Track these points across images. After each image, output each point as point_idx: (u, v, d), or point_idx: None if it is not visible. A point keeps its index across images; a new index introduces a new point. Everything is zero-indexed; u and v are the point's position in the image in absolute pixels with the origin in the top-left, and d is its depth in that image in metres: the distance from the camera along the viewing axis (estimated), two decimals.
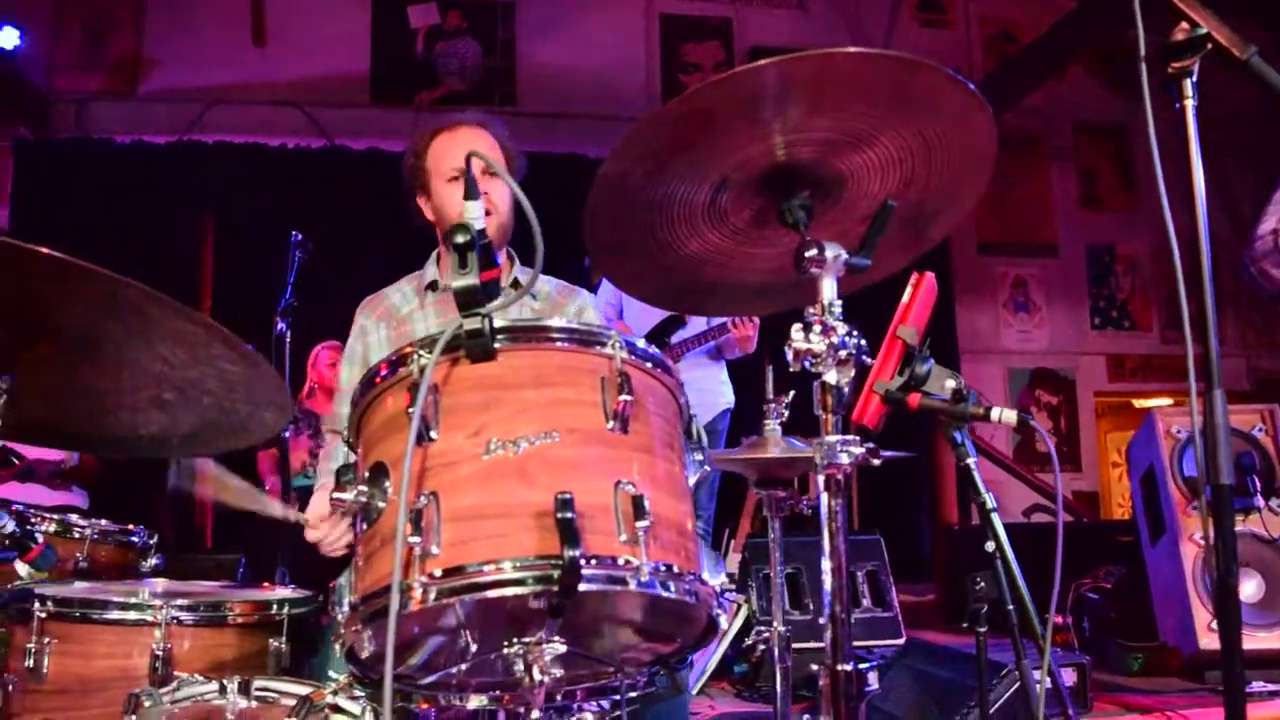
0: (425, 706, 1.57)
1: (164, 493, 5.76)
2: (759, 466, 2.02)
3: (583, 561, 1.17)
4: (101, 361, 1.54)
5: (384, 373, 1.37)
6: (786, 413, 2.07)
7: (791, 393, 2.14)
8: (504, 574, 1.19)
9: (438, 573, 1.19)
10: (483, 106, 7.15)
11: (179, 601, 1.88)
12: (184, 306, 1.35)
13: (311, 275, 4.21)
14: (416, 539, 1.19)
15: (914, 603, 5.81)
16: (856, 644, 3.98)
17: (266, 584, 2.35)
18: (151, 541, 2.56)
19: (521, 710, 1.64)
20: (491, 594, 1.19)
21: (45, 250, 1.28)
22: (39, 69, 7.12)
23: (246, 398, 1.59)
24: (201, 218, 6.69)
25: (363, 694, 1.58)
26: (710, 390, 4.46)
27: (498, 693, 1.53)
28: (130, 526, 2.54)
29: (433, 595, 1.19)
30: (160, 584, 2.26)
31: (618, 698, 1.59)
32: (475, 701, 1.58)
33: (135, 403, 1.64)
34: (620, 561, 1.23)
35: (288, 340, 4.01)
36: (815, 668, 1.45)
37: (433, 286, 2.54)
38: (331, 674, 1.64)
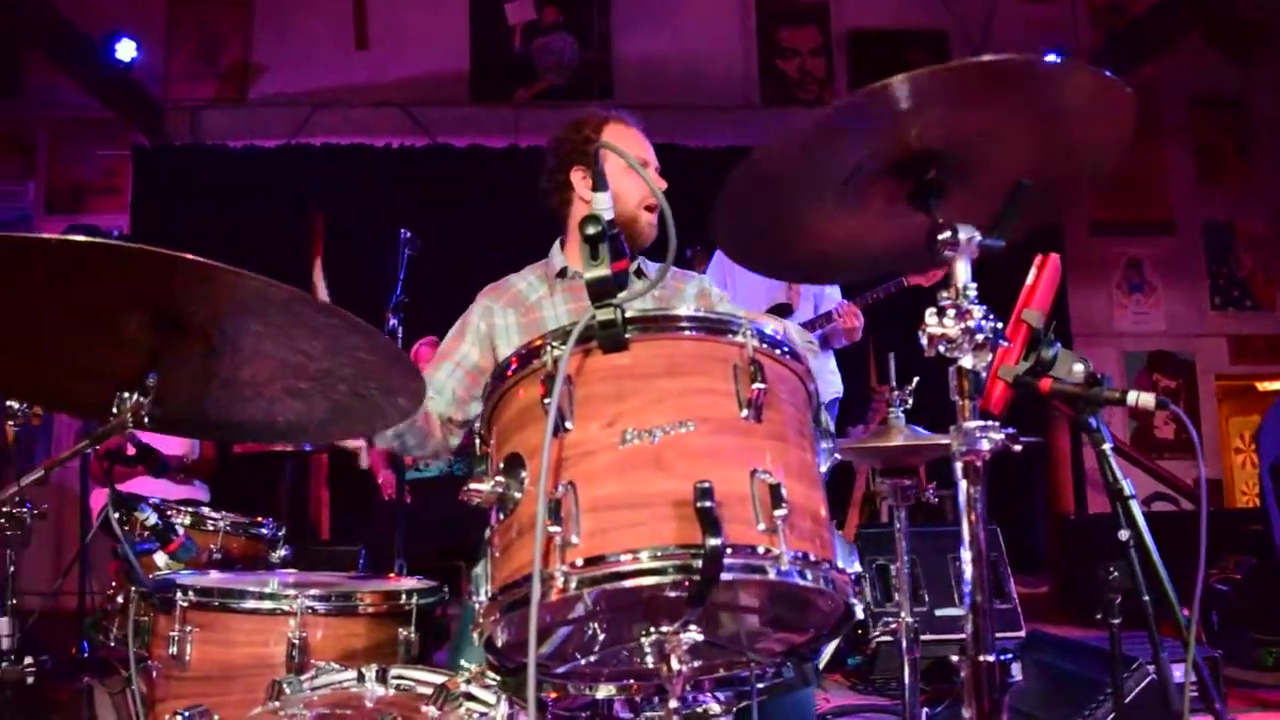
0: (553, 696, 1.58)
1: (281, 486, 5.93)
2: (883, 455, 1.99)
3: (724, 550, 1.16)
4: (241, 355, 1.58)
5: (514, 366, 1.38)
6: (910, 401, 2.04)
7: (915, 380, 2.12)
8: (644, 563, 1.19)
9: (579, 562, 1.19)
10: (580, 100, 7.20)
11: (312, 592, 1.93)
12: (327, 304, 1.38)
13: (419, 271, 4.28)
14: (556, 528, 1.20)
15: (1028, 594, 5.68)
16: None
17: (392, 575, 2.39)
18: (280, 534, 2.63)
19: (642, 700, 1.67)
20: (632, 583, 1.19)
21: (189, 256, 1.32)
22: (155, 80, 7.39)
23: (380, 385, 1.61)
24: (311, 218, 6.88)
25: (494, 682, 1.59)
26: (820, 379, 4.42)
27: (629, 682, 1.54)
28: (259, 519, 2.62)
29: (574, 584, 1.19)
30: (291, 575, 2.32)
31: (745, 688, 1.59)
32: (603, 691, 1.60)
33: (272, 392, 1.68)
34: (760, 550, 1.21)
35: (399, 335, 4.10)
36: (954, 659, 1.42)
37: (562, 274, 2.55)
38: (463, 663, 1.66)
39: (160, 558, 2.27)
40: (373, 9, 7.41)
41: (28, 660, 2.08)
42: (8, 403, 1.99)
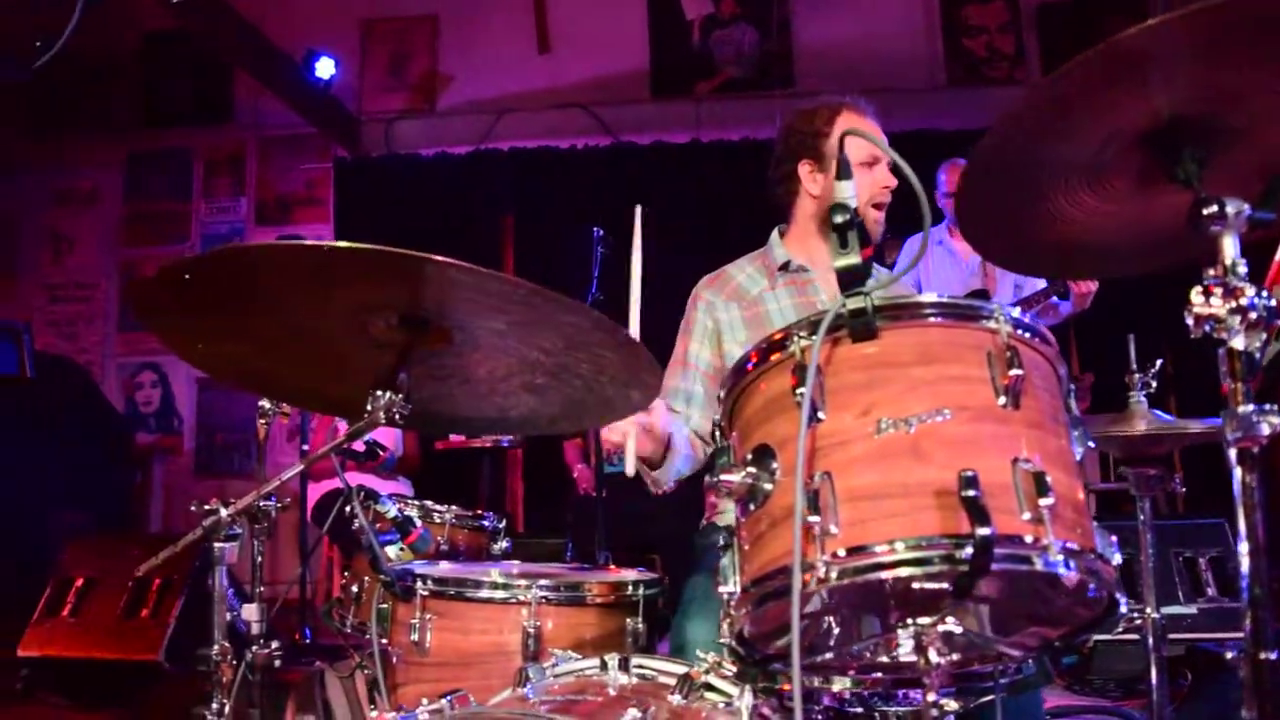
0: (786, 688, 1.57)
1: (480, 481, 6.14)
2: (1125, 444, 1.89)
3: None
4: (481, 352, 1.63)
5: (755, 360, 1.38)
6: (1154, 384, 1.94)
7: (1159, 362, 2.01)
8: (907, 553, 1.17)
9: (841, 552, 1.18)
10: (761, 91, 7.18)
11: (543, 582, 1.98)
12: (572, 300, 1.41)
13: (611, 268, 4.35)
14: (815, 518, 1.19)
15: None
16: (1201, 636, 3.69)
17: (612, 566, 2.43)
18: (500, 526, 2.71)
19: (873, 695, 1.64)
20: (894, 573, 1.17)
21: (440, 258, 1.37)
22: (351, 94, 7.74)
23: (615, 379, 1.64)
24: (502, 220, 7.09)
25: (731, 673, 1.59)
26: None
27: (864, 676, 1.52)
28: (480, 512, 2.71)
29: (835, 575, 1.18)
30: (515, 565, 2.39)
31: (980, 685, 1.54)
32: (839, 684, 1.58)
33: (509, 388, 1.74)
34: (1027, 540, 1.18)
35: None
36: (1229, 655, 1.34)
37: (785, 267, 2.54)
38: (699, 654, 1.67)
39: (393, 549, 2.36)
40: (553, 13, 7.56)
41: (274, 645, 2.20)
42: (260, 402, 2.11)
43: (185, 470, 7.75)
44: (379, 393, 1.56)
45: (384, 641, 2.15)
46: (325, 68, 7.17)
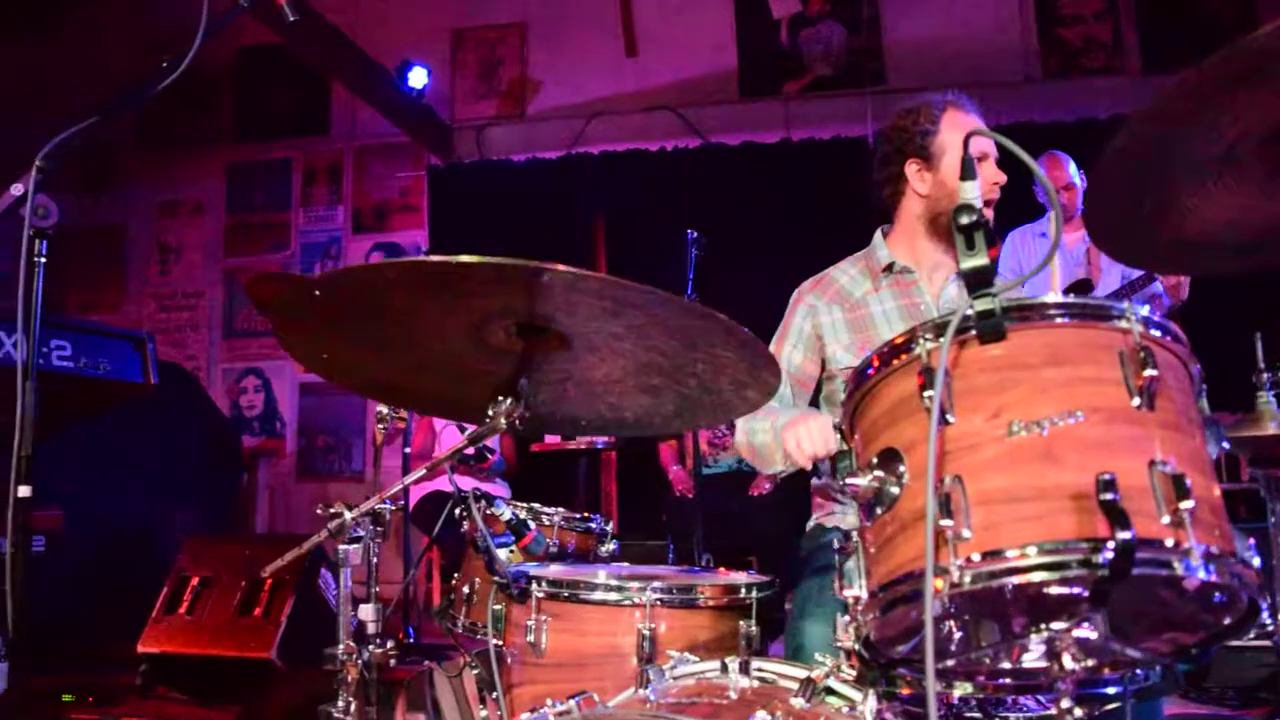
0: (906, 692, 1.56)
1: (575, 483, 6.18)
2: (1255, 445, 1.84)
3: None
4: (597, 355, 1.65)
5: (876, 364, 1.37)
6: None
7: None
8: (1042, 558, 1.15)
9: (975, 557, 1.17)
10: (851, 89, 7.12)
11: (656, 584, 1.99)
12: (692, 303, 1.42)
13: (705, 269, 4.36)
14: (948, 522, 1.18)
15: None
16: None
17: (722, 569, 2.43)
18: (607, 528, 2.74)
19: (990, 702, 1.62)
20: (1028, 578, 1.16)
21: (560, 267, 1.39)
22: (443, 103, 7.87)
23: (732, 379, 1.65)
24: (594, 223, 7.14)
25: (850, 677, 1.59)
26: None
27: (983, 680, 1.51)
28: (587, 514, 2.74)
29: (968, 579, 1.17)
30: (625, 568, 2.41)
31: (1111, 690, 1.52)
32: (960, 690, 1.56)
33: (623, 389, 1.75)
34: (1167, 544, 1.15)
35: None
36: None
37: (889, 269, 2.53)
38: (818, 657, 1.66)
39: (503, 551, 2.40)
40: (640, 17, 7.59)
41: (390, 644, 2.25)
42: (377, 407, 2.17)
43: (288, 472, 7.97)
44: (500, 399, 1.59)
45: (498, 642, 2.19)
46: (418, 77, 7.32)
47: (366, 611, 2.22)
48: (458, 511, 2.77)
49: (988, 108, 2.58)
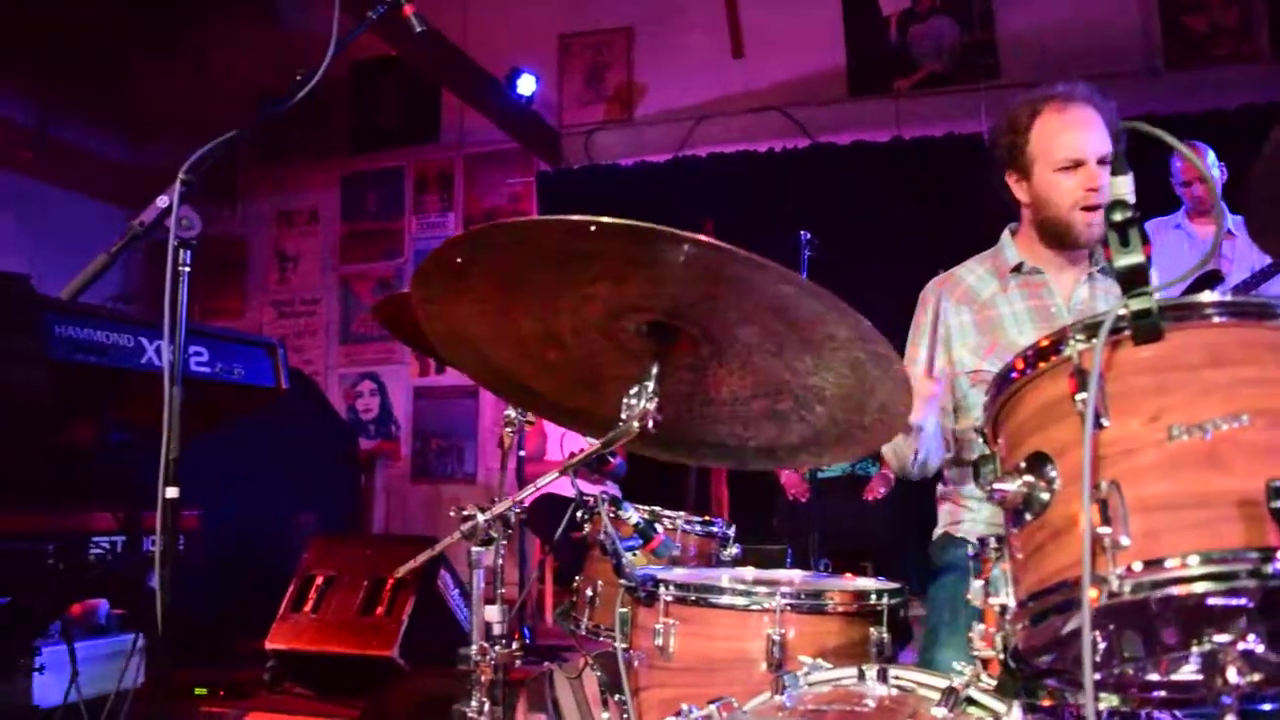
0: (1048, 703, 1.51)
1: (685, 487, 6.19)
2: None
3: None
4: (727, 367, 1.64)
5: (1022, 366, 1.33)
6: None
7: None
8: (1207, 568, 1.10)
9: (1136, 566, 1.13)
10: (964, 85, 6.97)
11: (784, 589, 1.97)
12: (840, 303, 1.38)
13: (819, 271, 4.33)
14: (1105, 529, 1.14)
15: None
16: None
17: (848, 574, 2.40)
18: (729, 532, 2.73)
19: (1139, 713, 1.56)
20: (1192, 588, 1.11)
21: (700, 237, 1.38)
22: (551, 109, 7.95)
23: (858, 408, 1.61)
24: (702, 225, 7.11)
25: (989, 686, 1.55)
26: None
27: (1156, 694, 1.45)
28: (709, 518, 2.73)
29: (1128, 589, 1.13)
30: (749, 572, 2.39)
31: (1267, 706, 1.45)
32: (1105, 702, 1.51)
33: (748, 412, 1.73)
34: None
35: None
36: None
37: (1017, 269, 2.47)
38: (955, 666, 1.63)
39: (629, 555, 2.40)
40: (747, 17, 7.55)
41: (515, 645, 2.28)
42: (506, 411, 2.19)
43: (402, 474, 8.14)
44: (633, 400, 1.59)
45: (624, 646, 2.20)
46: (527, 84, 7.41)
47: (492, 613, 2.25)
48: (578, 515, 2.79)
49: (1110, 98, 2.50)
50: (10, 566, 2.33)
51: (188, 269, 1.86)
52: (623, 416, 1.60)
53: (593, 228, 1.34)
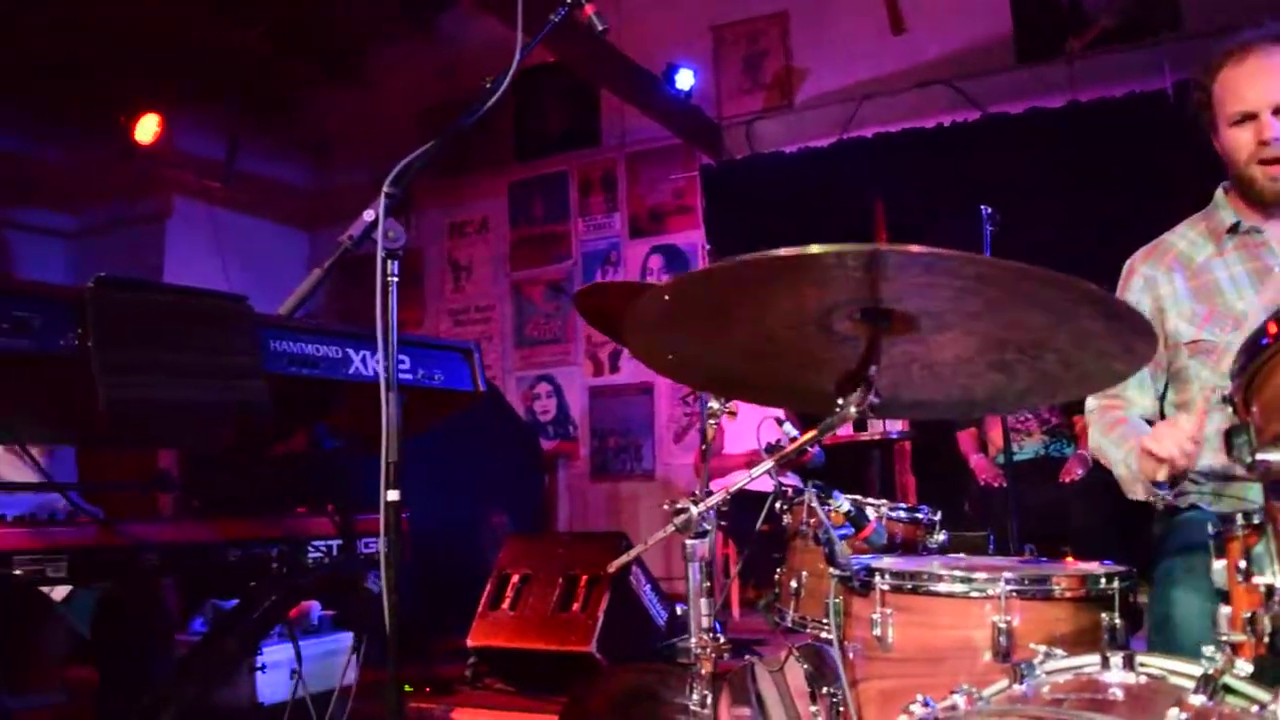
0: None
1: (869, 473, 6.08)
2: None
3: None
4: (949, 335, 1.58)
5: (1275, 331, 1.24)
6: None
7: None
8: None
9: None
10: (1141, 41, 6.59)
11: (1008, 575, 1.89)
12: (1059, 274, 1.32)
13: (1001, 245, 4.18)
14: None
15: None
16: None
17: (1069, 558, 2.30)
18: (935, 519, 2.65)
19: None
20: None
21: (912, 248, 1.34)
22: (710, 102, 7.93)
23: (1098, 350, 1.54)
24: (871, 206, 6.97)
25: (1245, 673, 1.44)
26: None
27: None
28: (915, 504, 2.67)
29: None
30: (961, 559, 2.32)
31: None
32: None
33: (974, 369, 1.68)
34: None
35: None
36: None
37: (1233, 229, 2.32)
38: (1205, 650, 1.52)
39: (841, 545, 2.36)
40: None
41: (722, 638, 2.26)
42: (708, 403, 2.18)
43: (582, 473, 8.27)
44: (849, 389, 1.55)
45: (829, 636, 2.16)
46: (685, 79, 7.41)
47: (702, 606, 2.25)
48: (777, 506, 2.76)
49: None
50: (238, 572, 2.45)
51: (395, 279, 1.91)
52: (839, 402, 1.56)
53: (814, 252, 1.30)
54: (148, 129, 7.77)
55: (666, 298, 1.47)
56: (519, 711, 4.07)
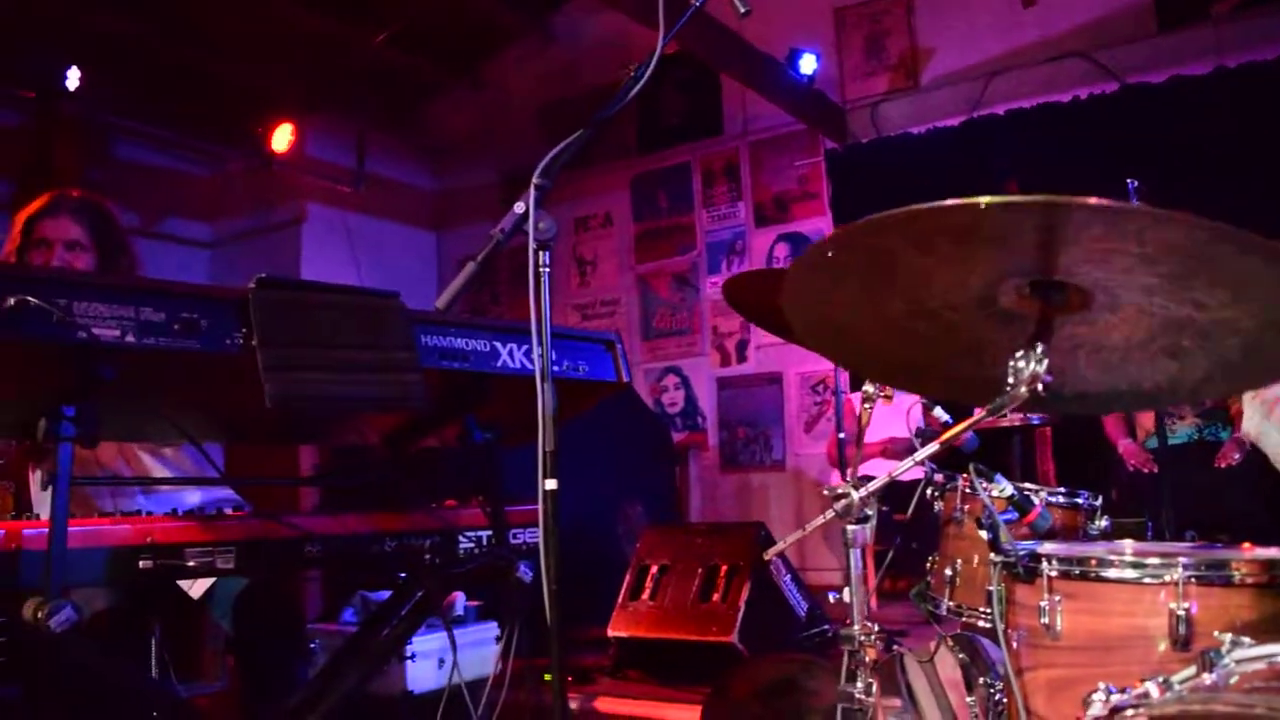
0: None
1: (1009, 460, 5.91)
2: None
3: None
4: (1120, 315, 1.52)
5: None
6: None
7: None
8: None
9: None
10: None
11: (1185, 560, 1.81)
12: (1257, 238, 1.24)
13: None
14: None
15: None
16: None
17: (1246, 545, 2.18)
18: (1096, 504, 2.56)
19: None
20: None
21: (1091, 200, 1.28)
22: (833, 85, 7.82)
23: None
24: (1006, 186, 6.77)
25: None
26: None
27: None
28: (1074, 490, 2.58)
29: None
30: (1128, 544, 2.22)
31: None
32: None
33: (1145, 355, 1.60)
34: None
35: None
36: None
37: None
38: None
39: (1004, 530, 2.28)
40: None
41: (876, 627, 2.22)
42: (864, 386, 2.14)
43: (711, 464, 8.26)
44: (1019, 365, 1.50)
45: (984, 624, 2.10)
46: (808, 63, 7.32)
47: (849, 594, 2.21)
48: (928, 492, 2.71)
49: None
50: (395, 563, 2.50)
51: (547, 269, 1.93)
52: (1009, 381, 1.51)
53: (983, 205, 1.26)
54: (283, 138, 8.04)
55: (830, 253, 1.44)
56: (661, 701, 4.08)
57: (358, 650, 2.73)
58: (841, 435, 5.12)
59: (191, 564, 2.07)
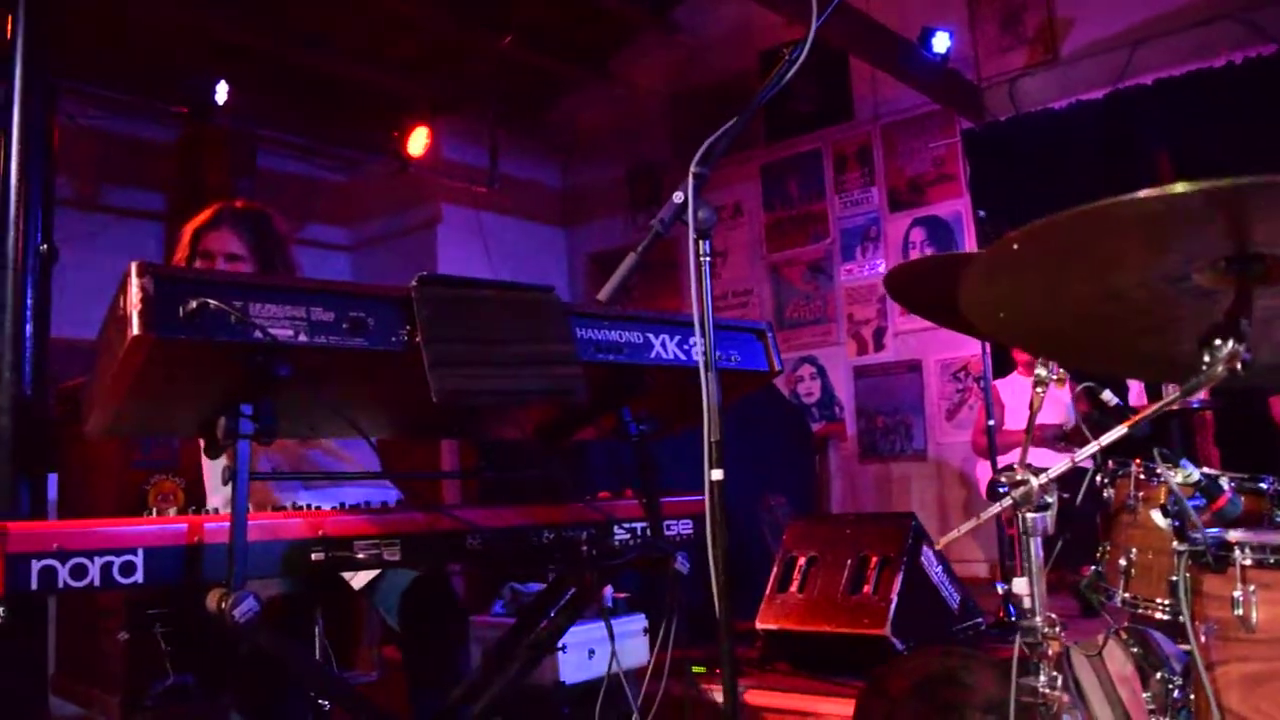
0: None
1: (1170, 445, 5.65)
2: None
3: None
4: None
5: None
6: None
7: None
8: None
9: None
10: None
11: None
12: None
13: None
14: None
15: None
16: None
17: None
18: None
19: None
20: None
21: None
22: (967, 63, 7.61)
23: None
24: (1156, 159, 6.48)
25: None
26: None
27: None
28: (1257, 475, 2.45)
29: None
30: None
31: None
32: None
33: None
34: None
35: None
36: None
37: None
38: None
39: (1159, 517, 2.19)
40: None
41: (1053, 618, 2.15)
42: (1037, 369, 2.07)
43: (850, 454, 8.14)
44: (1218, 343, 1.42)
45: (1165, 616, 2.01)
46: (941, 42, 7.13)
47: (1020, 585, 2.14)
48: (1098, 479, 2.60)
49: None
50: (552, 555, 2.52)
51: (708, 259, 1.92)
52: (1205, 360, 1.43)
53: (1178, 191, 1.19)
54: (419, 142, 8.22)
55: (1015, 247, 1.39)
56: (811, 695, 4.03)
57: (518, 642, 2.77)
58: (991, 422, 4.97)
59: (360, 556, 2.13)
